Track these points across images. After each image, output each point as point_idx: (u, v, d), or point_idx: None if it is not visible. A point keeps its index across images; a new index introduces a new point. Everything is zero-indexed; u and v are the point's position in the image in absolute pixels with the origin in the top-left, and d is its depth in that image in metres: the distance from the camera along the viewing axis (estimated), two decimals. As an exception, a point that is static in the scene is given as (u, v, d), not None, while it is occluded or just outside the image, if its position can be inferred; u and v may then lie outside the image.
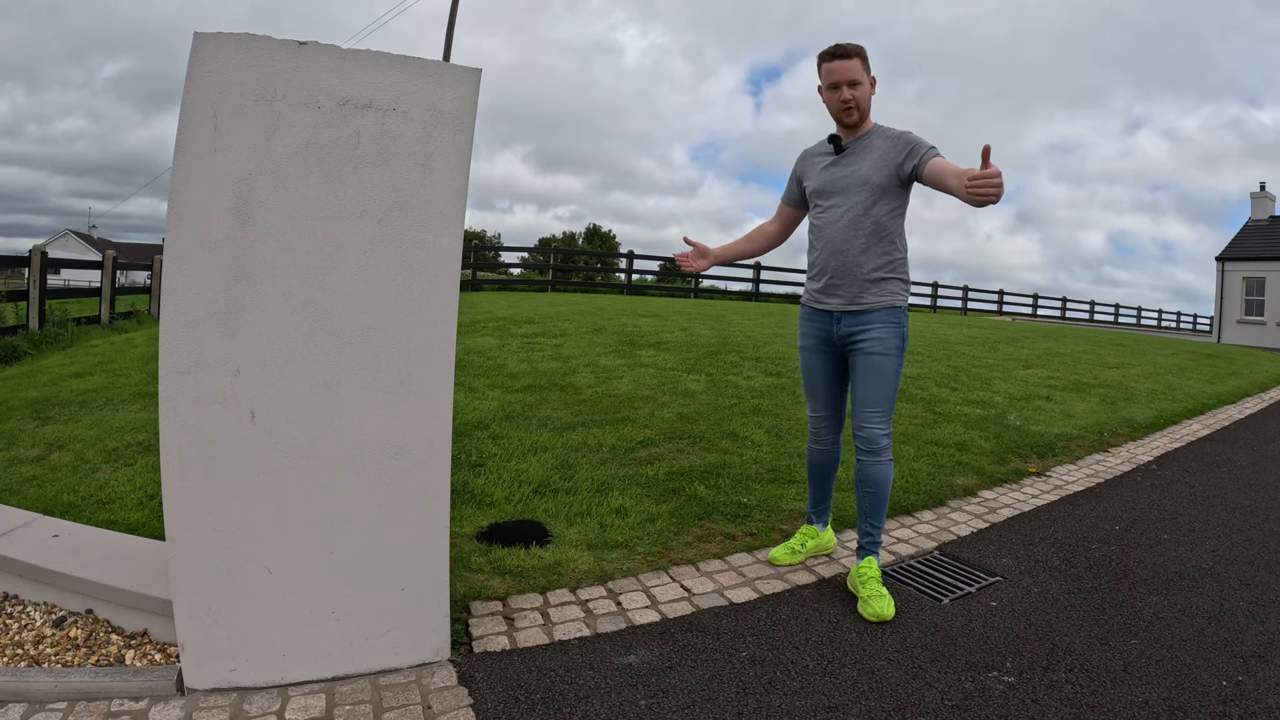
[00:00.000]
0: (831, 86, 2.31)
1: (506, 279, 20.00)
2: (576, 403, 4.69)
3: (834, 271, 2.36)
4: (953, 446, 4.12)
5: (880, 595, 2.29)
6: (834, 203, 2.37)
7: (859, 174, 2.33)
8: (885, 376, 2.33)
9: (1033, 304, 26.78)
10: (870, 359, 2.33)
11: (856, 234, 2.32)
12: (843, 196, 2.35)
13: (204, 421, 1.76)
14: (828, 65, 2.31)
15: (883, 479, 2.37)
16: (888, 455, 2.36)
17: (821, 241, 2.40)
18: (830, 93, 2.33)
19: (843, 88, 2.29)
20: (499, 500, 3.08)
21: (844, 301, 2.36)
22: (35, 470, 3.51)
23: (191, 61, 1.70)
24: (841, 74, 2.29)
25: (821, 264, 2.40)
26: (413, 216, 1.86)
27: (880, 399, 2.34)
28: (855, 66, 2.29)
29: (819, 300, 2.44)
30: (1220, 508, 3.40)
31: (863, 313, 2.34)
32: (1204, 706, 1.80)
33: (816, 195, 2.43)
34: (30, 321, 8.81)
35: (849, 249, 2.33)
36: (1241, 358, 10.30)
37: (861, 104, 2.31)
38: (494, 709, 1.77)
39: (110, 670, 1.85)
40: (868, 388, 2.34)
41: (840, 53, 2.28)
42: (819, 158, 2.45)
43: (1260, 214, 22.82)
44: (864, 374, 2.34)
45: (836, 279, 2.36)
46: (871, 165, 2.32)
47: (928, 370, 6.52)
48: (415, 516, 1.92)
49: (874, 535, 2.42)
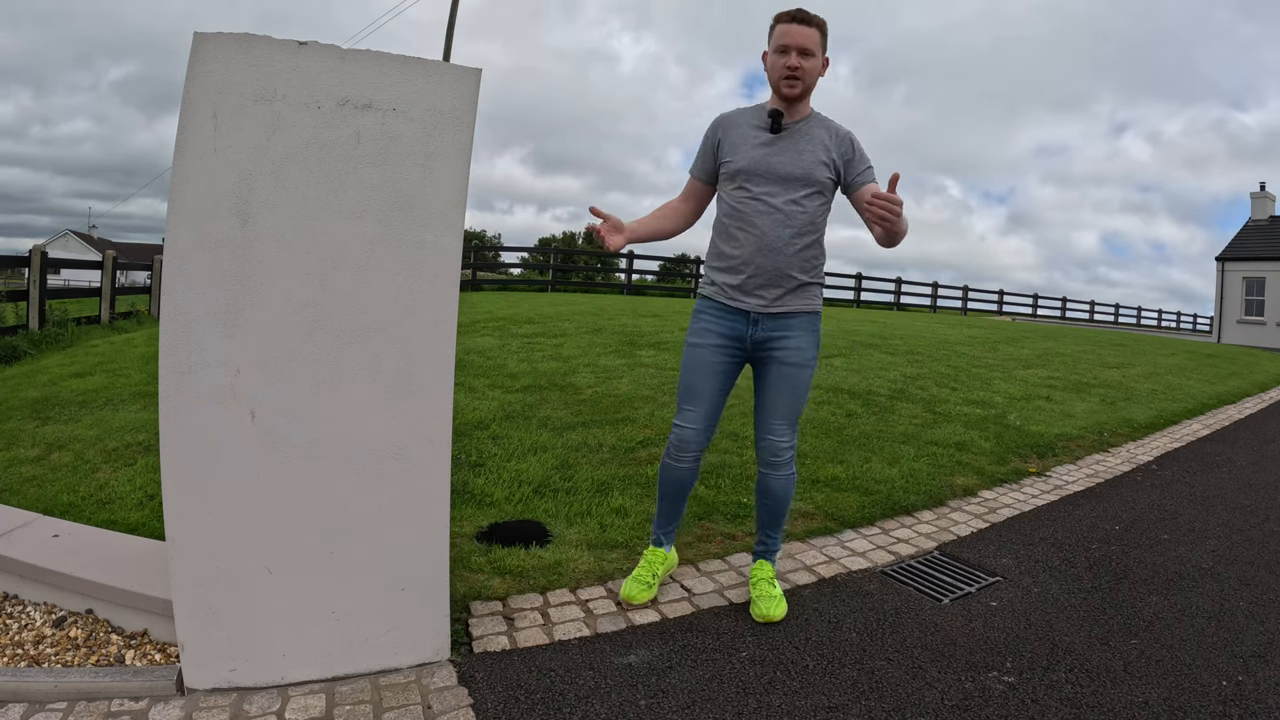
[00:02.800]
0: (781, 50, 2.09)
1: (506, 279, 19.99)
2: (576, 403, 4.69)
3: (760, 269, 2.13)
4: (953, 446, 4.12)
5: (770, 596, 2.24)
6: (769, 191, 2.11)
7: (802, 164, 2.11)
8: (800, 389, 2.20)
9: (1033, 304, 26.78)
10: (786, 370, 2.17)
11: (793, 231, 2.11)
12: (781, 186, 2.11)
13: (204, 421, 1.76)
14: (784, 26, 2.09)
15: (784, 492, 2.27)
16: (792, 468, 2.26)
17: (748, 233, 2.13)
18: (777, 56, 2.10)
19: (793, 53, 2.07)
20: (499, 500, 3.08)
21: (765, 303, 2.15)
22: (35, 470, 3.51)
23: (191, 61, 1.70)
24: (797, 38, 2.07)
25: (746, 258, 2.13)
26: (413, 216, 1.86)
27: (791, 412, 2.20)
28: (814, 36, 2.08)
29: (734, 297, 2.17)
30: (1220, 508, 3.40)
31: (784, 316, 2.16)
32: (1204, 706, 1.80)
33: (746, 177, 2.14)
34: (30, 321, 8.81)
35: (784, 248, 2.11)
36: (1241, 358, 10.30)
37: (808, 78, 2.09)
38: (494, 709, 1.77)
39: (110, 670, 1.85)
40: (779, 399, 2.19)
41: (802, 17, 2.08)
42: (750, 131, 2.16)
43: (1260, 214, 22.82)
44: (777, 384, 2.18)
45: (761, 277, 2.13)
46: (814, 157, 2.12)
47: (928, 370, 6.52)
48: (415, 516, 1.92)
49: (770, 545, 2.34)
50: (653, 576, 2.34)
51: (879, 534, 2.94)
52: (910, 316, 15.58)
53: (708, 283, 2.25)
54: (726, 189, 2.20)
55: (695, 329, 2.25)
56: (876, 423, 4.53)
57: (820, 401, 4.98)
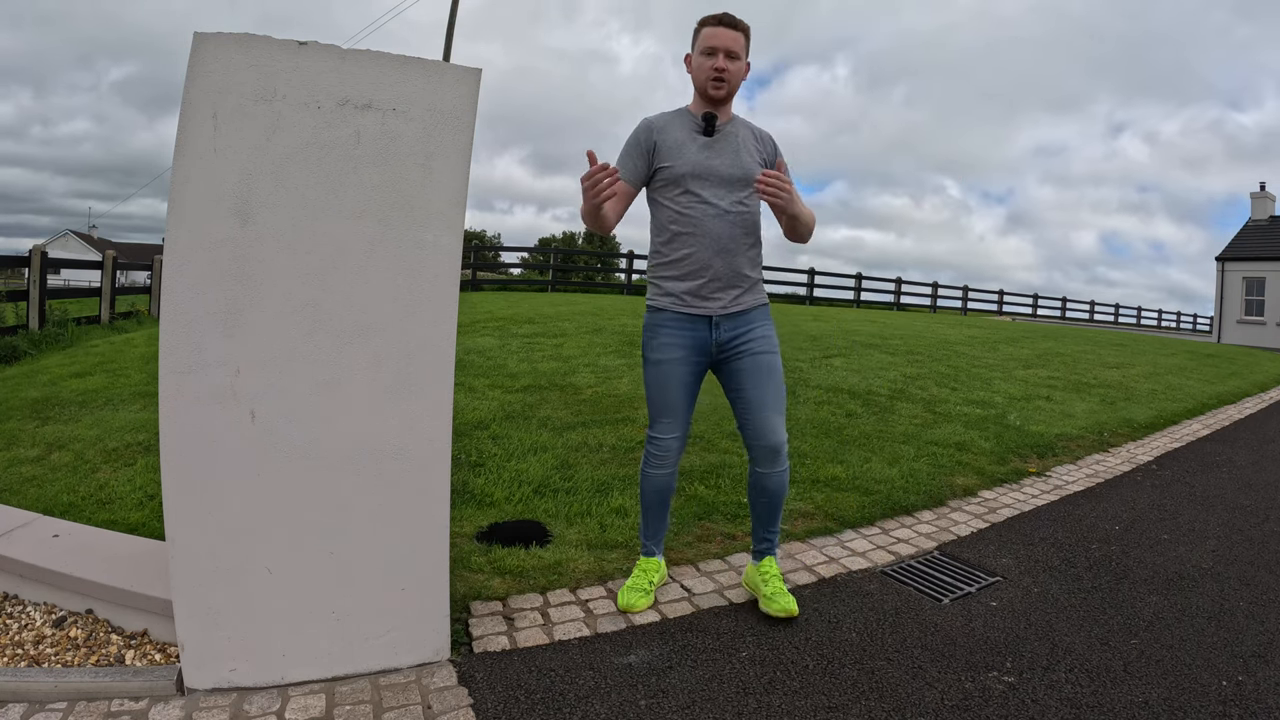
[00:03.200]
0: (707, 52, 2.13)
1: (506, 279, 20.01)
2: (576, 403, 4.69)
3: (718, 273, 2.15)
4: (953, 446, 4.12)
5: (785, 592, 2.25)
6: (715, 194, 2.14)
7: (742, 165, 2.16)
8: (779, 375, 2.22)
9: (1033, 304, 26.79)
10: (762, 359, 2.18)
11: (743, 231, 2.17)
12: (726, 189, 2.15)
13: (204, 421, 1.76)
14: (710, 29, 2.13)
15: (781, 488, 2.25)
16: (787, 461, 2.24)
17: (698, 237, 2.14)
18: (703, 59, 2.13)
19: (720, 55, 2.11)
20: (499, 500, 3.08)
21: (725, 305, 2.17)
22: (35, 470, 3.51)
23: (191, 61, 1.70)
24: (723, 41, 2.12)
25: (702, 261, 2.14)
26: (413, 216, 1.86)
27: (780, 401, 2.20)
28: (739, 40, 2.13)
29: (693, 305, 2.17)
30: (1220, 508, 3.40)
31: (742, 314, 2.20)
32: (1204, 706, 1.80)
33: (691, 180, 2.14)
34: (30, 321, 8.81)
35: (735, 247, 2.15)
36: (1241, 358, 10.30)
37: (733, 80, 2.14)
38: (494, 709, 1.77)
39: (110, 670, 1.85)
40: (765, 390, 2.18)
41: (728, 20, 2.12)
42: (685, 135, 2.17)
43: (1260, 214, 22.82)
44: (757, 376, 2.18)
45: (718, 280, 2.15)
46: (751, 158, 2.18)
47: (928, 370, 6.52)
48: (415, 516, 1.92)
49: (771, 540, 2.33)
50: (649, 584, 2.33)
51: (879, 534, 2.94)
52: (910, 316, 15.58)
53: (660, 294, 2.23)
54: (668, 194, 2.18)
55: (656, 345, 2.22)
56: (876, 423, 4.53)
57: (820, 401, 4.98)
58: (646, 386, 2.27)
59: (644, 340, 2.28)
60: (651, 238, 2.26)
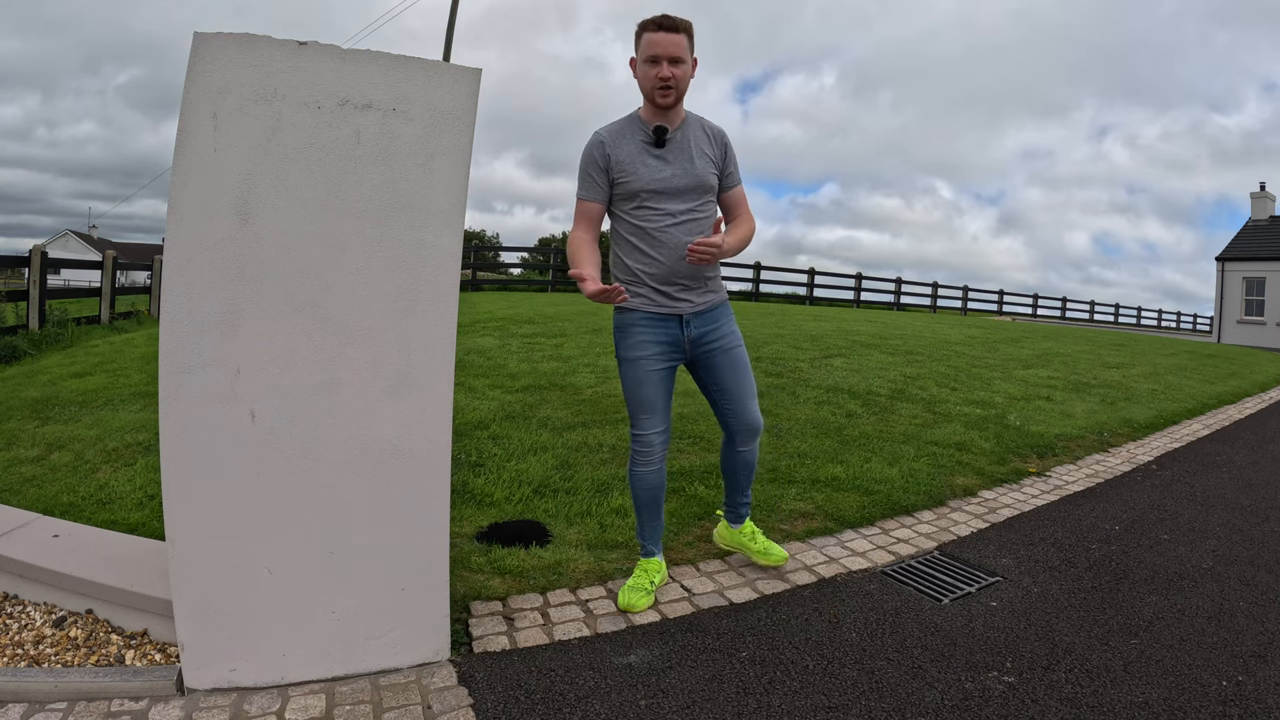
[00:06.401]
0: (650, 60, 2.10)
1: (506, 279, 20.01)
2: (576, 403, 4.69)
3: (681, 275, 2.21)
4: (953, 446, 4.12)
5: (773, 544, 2.54)
6: (670, 207, 2.19)
7: (694, 174, 2.20)
8: (748, 364, 2.38)
9: (1032, 304, 26.79)
10: (732, 352, 2.32)
11: (700, 235, 2.19)
12: (680, 200, 2.19)
13: (204, 421, 1.76)
14: (651, 36, 2.09)
15: (756, 457, 2.48)
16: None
17: (659, 248, 2.19)
18: (648, 67, 2.11)
19: (663, 63, 2.09)
20: (499, 500, 3.08)
21: (692, 305, 2.25)
22: (35, 470, 3.51)
23: (192, 61, 1.70)
24: (665, 48, 2.08)
25: (668, 268, 2.20)
26: (413, 216, 1.86)
27: (753, 387, 2.38)
28: (681, 43, 2.10)
29: (664, 305, 2.23)
30: (1220, 508, 3.40)
31: (709, 311, 2.28)
32: (1204, 706, 1.80)
33: (647, 195, 2.18)
34: (30, 321, 8.81)
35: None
36: (1241, 358, 10.30)
37: (681, 85, 2.13)
38: (494, 709, 1.77)
39: (110, 670, 1.85)
40: (741, 380, 2.34)
41: (668, 24, 2.08)
42: (637, 148, 2.19)
43: (1260, 214, 22.82)
44: (731, 368, 2.32)
45: (683, 280, 2.22)
46: (703, 164, 2.22)
47: (928, 370, 6.52)
48: (415, 516, 1.92)
49: (749, 503, 2.60)
50: (650, 584, 2.35)
51: (879, 534, 2.94)
52: (910, 316, 15.58)
53: (631, 298, 2.23)
54: (625, 207, 2.22)
55: (630, 343, 2.25)
56: (876, 423, 4.53)
57: (820, 401, 4.98)
58: (624, 386, 2.31)
59: (616, 340, 2.32)
60: (612, 245, 2.32)
